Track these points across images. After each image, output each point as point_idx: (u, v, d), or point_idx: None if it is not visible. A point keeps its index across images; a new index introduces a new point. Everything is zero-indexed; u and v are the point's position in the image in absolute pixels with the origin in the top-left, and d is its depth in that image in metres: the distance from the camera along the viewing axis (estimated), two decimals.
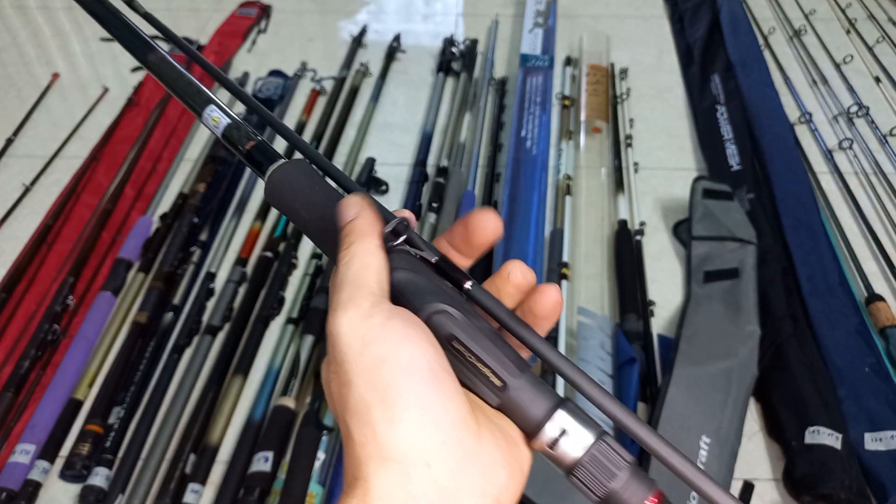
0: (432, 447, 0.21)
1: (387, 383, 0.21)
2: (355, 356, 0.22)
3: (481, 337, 0.24)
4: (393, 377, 0.21)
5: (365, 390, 0.21)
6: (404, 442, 0.21)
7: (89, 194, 0.99)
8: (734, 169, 1.04)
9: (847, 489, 0.67)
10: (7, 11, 1.42)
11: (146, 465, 0.71)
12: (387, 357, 0.22)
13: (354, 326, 0.22)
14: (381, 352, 0.22)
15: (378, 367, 0.22)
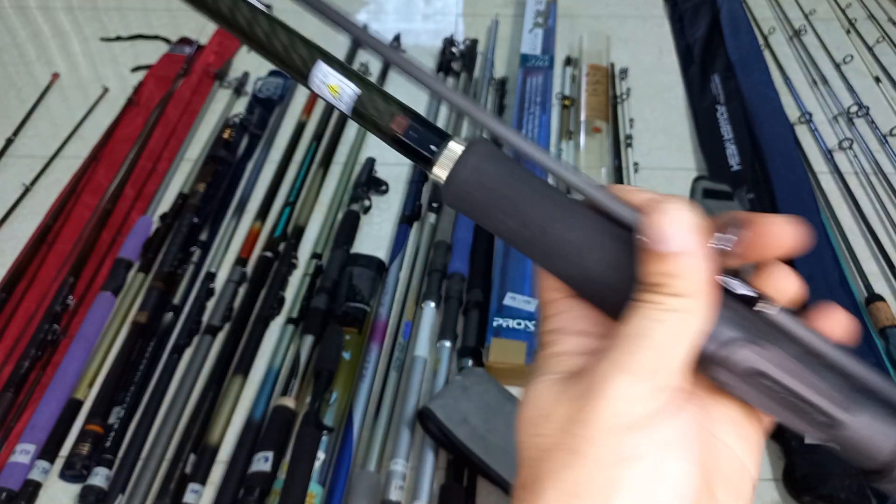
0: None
1: (622, 483, 0.18)
2: (604, 433, 0.18)
3: (799, 369, 0.20)
4: (632, 485, 0.18)
5: (588, 472, 0.18)
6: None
7: (89, 194, 0.99)
8: (734, 169, 1.04)
9: (847, 489, 0.67)
10: (7, 11, 1.42)
11: (146, 465, 0.71)
12: (643, 458, 0.18)
13: (631, 403, 0.18)
14: (641, 449, 0.18)
15: (619, 460, 0.18)
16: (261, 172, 1.05)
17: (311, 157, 1.06)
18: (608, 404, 0.18)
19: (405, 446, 0.72)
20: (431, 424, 0.70)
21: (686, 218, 0.19)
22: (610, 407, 0.18)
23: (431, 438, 0.71)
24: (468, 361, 0.78)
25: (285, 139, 1.10)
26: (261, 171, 1.05)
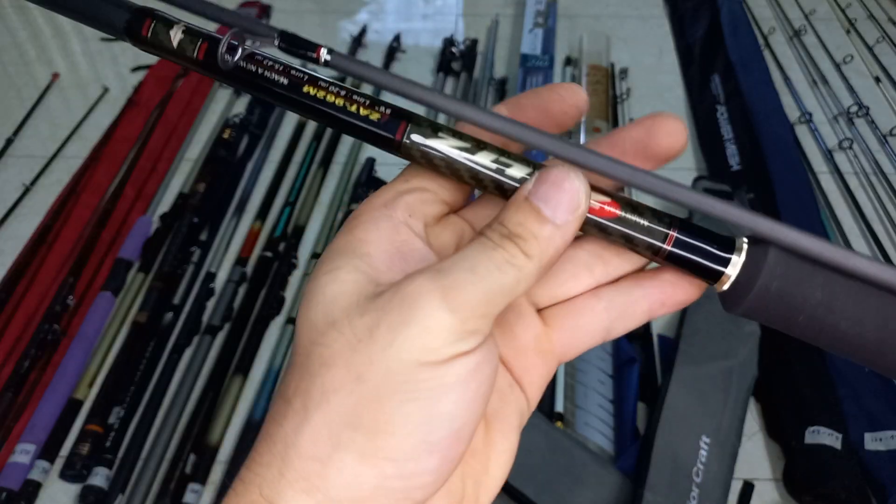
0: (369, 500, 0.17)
1: (396, 421, 0.17)
2: (400, 366, 0.17)
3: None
4: (408, 421, 0.17)
5: (367, 407, 0.17)
6: (347, 488, 0.17)
7: (89, 194, 0.99)
8: (734, 169, 1.04)
9: (847, 489, 0.67)
10: (7, 11, 1.42)
11: (146, 465, 0.71)
12: (421, 398, 0.17)
13: (439, 341, 0.17)
14: (427, 388, 0.17)
15: (401, 400, 0.17)
16: (261, 172, 1.05)
17: (311, 157, 1.06)
18: (416, 336, 0.17)
19: None
20: None
21: (582, 201, 0.19)
22: (417, 339, 0.17)
23: None
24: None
25: (285, 139, 1.10)
26: (261, 171, 1.05)
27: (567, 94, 0.21)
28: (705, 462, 0.68)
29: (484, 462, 0.20)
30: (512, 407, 0.21)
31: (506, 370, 0.22)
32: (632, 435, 0.72)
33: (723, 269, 0.20)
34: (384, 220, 0.20)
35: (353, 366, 0.17)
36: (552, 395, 0.75)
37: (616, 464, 0.69)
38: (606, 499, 0.66)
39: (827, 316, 0.19)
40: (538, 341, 0.22)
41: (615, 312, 0.22)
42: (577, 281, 0.22)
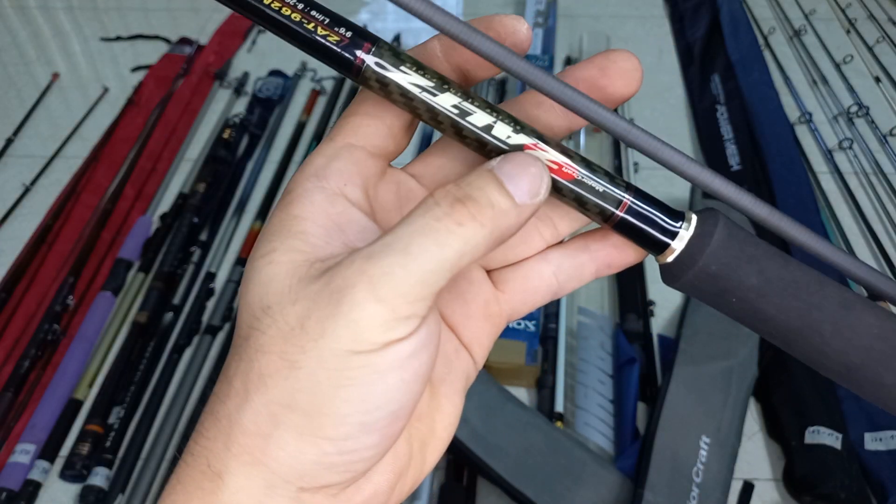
0: (312, 480, 0.18)
1: (332, 405, 0.17)
2: (331, 354, 0.17)
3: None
4: (344, 404, 0.17)
5: (303, 388, 0.17)
6: (289, 463, 0.17)
7: (89, 194, 0.99)
8: (734, 169, 1.04)
9: (847, 489, 0.67)
10: (7, 11, 1.42)
11: (146, 465, 0.71)
12: (356, 382, 0.17)
13: (370, 332, 0.17)
14: (355, 373, 0.17)
15: (336, 384, 0.17)
16: (261, 172, 1.05)
17: None
18: (345, 328, 0.17)
19: None
20: None
21: (542, 189, 0.18)
22: (345, 329, 0.17)
23: None
24: None
25: (285, 139, 1.10)
26: (261, 171, 1.05)
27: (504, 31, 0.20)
28: (705, 462, 0.68)
29: (430, 424, 0.20)
30: (458, 371, 0.21)
31: (453, 335, 0.22)
32: (632, 435, 0.72)
33: (669, 242, 0.20)
34: (317, 192, 0.19)
35: (286, 354, 0.17)
36: (552, 395, 0.75)
37: (616, 464, 0.69)
38: (606, 499, 0.66)
39: (758, 300, 0.19)
40: (487, 305, 0.22)
41: (563, 276, 0.22)
42: (527, 245, 0.22)
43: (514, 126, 0.19)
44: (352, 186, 0.20)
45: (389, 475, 0.19)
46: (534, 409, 0.75)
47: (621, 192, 0.20)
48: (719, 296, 0.20)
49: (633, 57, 0.20)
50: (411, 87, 0.19)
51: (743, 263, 0.19)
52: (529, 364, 0.77)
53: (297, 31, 0.19)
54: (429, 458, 0.21)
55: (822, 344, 0.19)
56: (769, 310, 0.19)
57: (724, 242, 0.19)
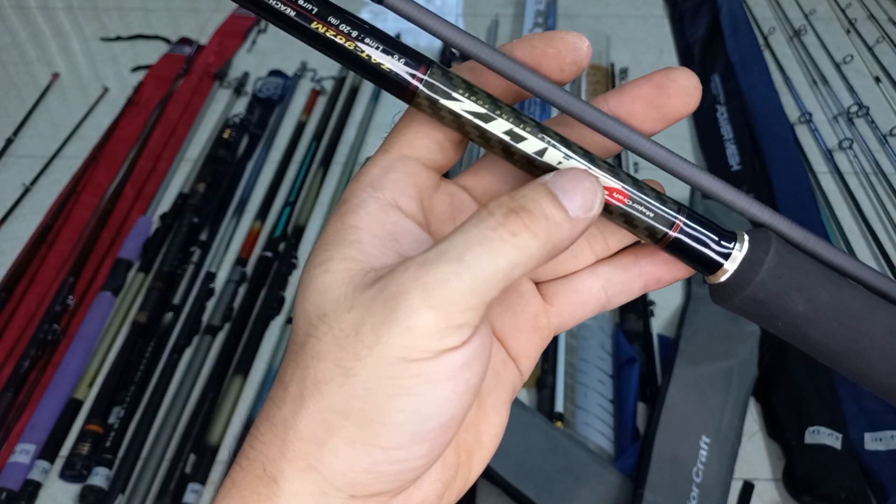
0: (364, 489, 0.18)
1: (385, 414, 0.17)
2: (385, 363, 0.17)
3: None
4: (399, 413, 0.17)
5: (357, 396, 0.17)
6: (341, 471, 0.18)
7: (89, 194, 0.99)
8: (734, 169, 1.04)
9: (847, 489, 0.67)
10: (7, 11, 1.42)
11: (146, 465, 0.71)
12: (409, 392, 0.17)
13: (425, 340, 0.17)
14: (409, 383, 0.17)
15: (390, 393, 0.17)
16: (261, 172, 1.05)
17: (311, 157, 1.06)
18: (399, 336, 0.17)
19: None
20: None
21: (596, 204, 0.18)
22: (400, 339, 0.17)
23: None
24: None
25: (285, 139, 1.10)
26: (261, 171, 1.05)
27: (565, 48, 0.20)
28: (705, 462, 0.68)
29: (476, 435, 0.21)
30: (505, 383, 0.22)
31: (502, 347, 0.22)
32: (632, 435, 0.72)
33: (721, 263, 0.20)
34: (372, 202, 0.20)
35: (341, 361, 0.17)
36: (552, 395, 0.75)
37: (616, 464, 0.69)
38: (606, 499, 0.66)
39: (804, 326, 0.19)
40: (536, 318, 0.22)
41: (613, 290, 0.22)
42: (578, 259, 0.22)
43: (566, 151, 0.20)
44: (406, 197, 0.20)
45: (438, 485, 0.20)
46: (534, 409, 0.75)
47: (674, 214, 0.20)
48: (766, 319, 0.20)
49: (693, 75, 0.20)
50: (464, 114, 0.19)
51: (791, 291, 0.19)
52: None
53: (355, 57, 0.19)
54: (474, 468, 0.21)
55: (867, 368, 0.20)
56: (815, 335, 0.19)
57: (774, 270, 0.19)
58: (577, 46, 0.20)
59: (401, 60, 0.19)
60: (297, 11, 0.19)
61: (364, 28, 0.19)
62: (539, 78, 0.19)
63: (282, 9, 0.19)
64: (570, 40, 0.20)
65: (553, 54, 0.20)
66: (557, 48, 0.20)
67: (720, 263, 0.20)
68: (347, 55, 0.19)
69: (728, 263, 0.20)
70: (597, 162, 0.20)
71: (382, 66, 0.19)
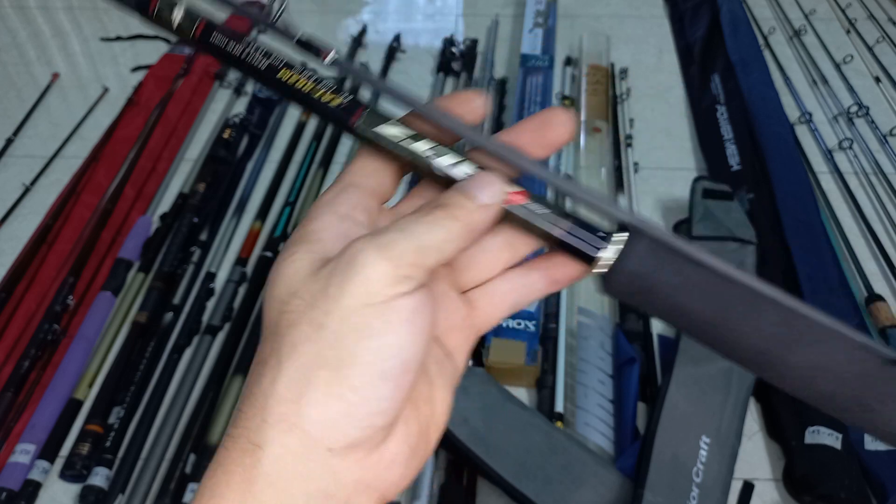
0: (341, 436, 0.20)
1: (355, 354, 0.20)
2: (351, 311, 0.20)
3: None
4: (365, 355, 0.20)
5: (329, 345, 0.20)
6: (320, 419, 0.20)
7: (89, 194, 0.99)
8: (734, 169, 1.04)
9: (847, 489, 0.67)
10: (7, 11, 1.42)
11: (146, 465, 0.71)
12: (373, 333, 0.20)
13: (379, 285, 0.20)
14: (373, 325, 0.20)
15: (358, 336, 0.20)
16: (261, 172, 1.05)
17: (311, 157, 1.06)
18: (359, 283, 0.20)
19: None
20: None
21: (499, 192, 0.23)
22: (360, 286, 0.20)
23: None
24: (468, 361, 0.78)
25: (285, 139, 1.10)
26: (261, 171, 1.05)
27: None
28: (705, 462, 0.68)
29: (431, 409, 0.24)
30: (446, 372, 0.25)
31: (440, 345, 0.26)
32: (632, 435, 0.72)
33: (598, 255, 0.24)
34: (330, 213, 0.24)
35: (314, 319, 0.21)
36: (552, 395, 0.75)
37: (616, 464, 0.69)
38: (606, 499, 0.66)
39: (679, 295, 0.23)
40: (464, 320, 0.26)
41: (520, 291, 0.27)
42: (492, 267, 0.27)
43: (474, 165, 0.24)
44: (357, 211, 0.24)
45: (404, 446, 0.22)
46: (534, 409, 0.75)
47: (558, 217, 0.24)
48: (646, 295, 0.24)
49: (567, 112, 0.26)
50: (394, 137, 0.25)
51: (665, 266, 0.23)
52: (529, 364, 0.77)
53: (310, 101, 0.25)
54: (432, 439, 0.24)
55: (735, 333, 0.23)
56: (690, 304, 0.23)
57: (648, 250, 0.23)
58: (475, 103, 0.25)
59: (347, 99, 0.25)
60: (269, 64, 0.25)
61: (318, 77, 0.25)
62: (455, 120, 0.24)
63: (258, 63, 0.25)
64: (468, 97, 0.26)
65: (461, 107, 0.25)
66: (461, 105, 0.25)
67: (597, 257, 0.24)
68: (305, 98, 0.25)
69: (603, 253, 0.24)
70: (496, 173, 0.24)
71: (333, 103, 0.25)
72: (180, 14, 0.25)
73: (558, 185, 0.25)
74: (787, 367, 0.23)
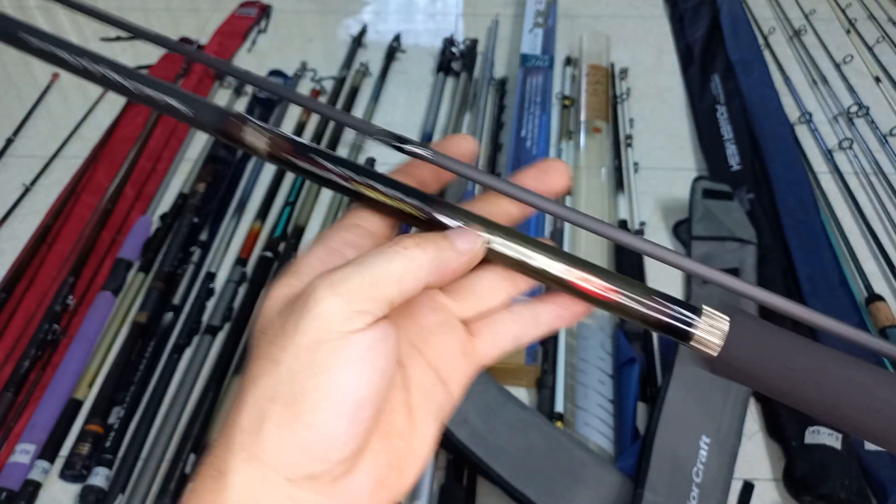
0: (297, 469, 0.20)
1: (306, 392, 0.20)
2: (304, 348, 0.20)
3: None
4: (316, 392, 0.20)
5: (282, 381, 0.20)
6: (275, 453, 0.20)
7: (89, 194, 0.99)
8: (734, 169, 1.04)
9: (847, 489, 0.67)
10: (7, 11, 1.42)
11: (146, 465, 0.71)
12: (326, 371, 0.20)
13: (332, 322, 0.21)
14: (326, 362, 0.20)
15: (310, 374, 0.20)
16: (261, 172, 1.05)
17: None
18: (311, 320, 0.20)
19: None
20: None
21: (478, 245, 0.24)
22: (313, 323, 0.20)
23: None
24: None
25: None
26: (261, 171, 1.05)
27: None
28: (705, 462, 0.68)
29: (408, 442, 0.23)
30: (434, 401, 0.25)
31: (432, 372, 0.25)
32: (632, 435, 0.72)
33: (694, 333, 0.23)
34: (321, 247, 0.24)
35: (271, 354, 0.21)
36: (552, 395, 0.75)
37: (616, 464, 0.69)
38: (606, 499, 0.66)
39: (787, 373, 0.22)
40: (463, 347, 0.26)
41: (523, 325, 0.26)
42: (491, 296, 0.26)
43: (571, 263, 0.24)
44: (348, 247, 0.25)
45: (370, 479, 0.22)
46: (534, 409, 0.75)
47: (651, 300, 0.24)
48: (751, 374, 0.23)
49: (563, 163, 0.27)
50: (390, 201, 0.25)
51: (766, 342, 0.22)
52: (529, 364, 0.77)
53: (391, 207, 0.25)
54: (407, 472, 0.23)
55: (849, 420, 0.22)
56: (796, 391, 0.22)
57: (745, 325, 0.23)
58: (469, 148, 0.27)
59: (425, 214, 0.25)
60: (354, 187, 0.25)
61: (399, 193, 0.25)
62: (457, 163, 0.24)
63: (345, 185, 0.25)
64: (461, 142, 0.27)
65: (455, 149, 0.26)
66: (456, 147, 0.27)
67: (692, 333, 0.23)
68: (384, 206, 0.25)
69: (699, 332, 0.23)
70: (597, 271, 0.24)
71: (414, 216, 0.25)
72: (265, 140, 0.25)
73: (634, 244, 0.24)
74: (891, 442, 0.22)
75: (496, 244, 0.24)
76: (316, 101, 0.25)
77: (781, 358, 0.22)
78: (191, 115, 0.25)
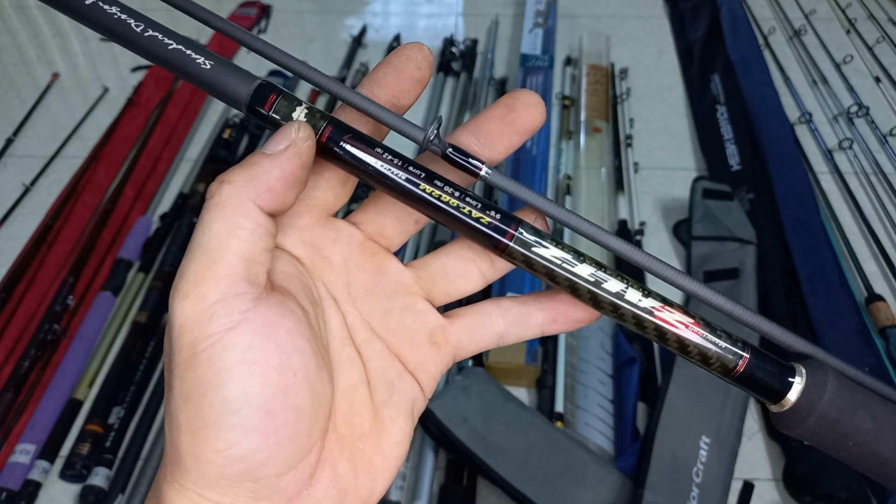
0: (231, 497, 0.19)
1: (202, 414, 0.18)
2: (184, 366, 0.18)
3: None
4: (211, 410, 0.18)
5: (179, 408, 0.18)
6: (202, 483, 0.18)
7: (89, 194, 0.99)
8: (734, 169, 1.04)
9: (847, 489, 0.67)
10: (7, 11, 1.42)
11: (146, 465, 0.71)
12: (210, 386, 0.18)
13: (189, 328, 0.18)
14: (207, 376, 0.18)
15: (198, 394, 0.18)
16: None
17: None
18: (178, 336, 0.18)
19: None
20: (431, 424, 0.70)
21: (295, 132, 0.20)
22: (181, 338, 0.18)
23: (431, 438, 0.71)
24: (468, 361, 0.78)
25: None
26: None
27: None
28: (705, 462, 0.68)
29: (375, 445, 0.21)
30: (402, 395, 0.22)
31: (396, 361, 0.23)
32: (632, 435, 0.72)
33: (785, 393, 0.21)
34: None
35: (168, 381, 0.19)
36: (552, 395, 0.75)
37: (616, 464, 0.69)
38: (606, 499, 0.66)
39: (874, 442, 0.20)
40: (433, 334, 0.23)
41: (510, 318, 0.23)
42: (467, 278, 0.23)
43: (644, 291, 0.22)
44: (289, 241, 0.22)
45: (332, 491, 0.20)
46: (534, 409, 0.75)
47: (740, 350, 0.22)
48: (837, 440, 0.21)
49: (534, 94, 0.23)
50: (554, 259, 0.21)
51: (857, 409, 0.21)
52: (529, 364, 0.77)
53: (454, 216, 0.21)
54: (379, 477, 0.21)
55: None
56: (885, 451, 0.21)
57: (838, 391, 0.21)
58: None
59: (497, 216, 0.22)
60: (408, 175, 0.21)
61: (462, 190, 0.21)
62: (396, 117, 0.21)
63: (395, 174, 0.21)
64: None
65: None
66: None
67: (783, 393, 0.21)
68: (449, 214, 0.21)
69: (791, 394, 0.21)
70: (670, 302, 0.23)
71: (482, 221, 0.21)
72: (302, 115, 0.21)
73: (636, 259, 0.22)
74: None
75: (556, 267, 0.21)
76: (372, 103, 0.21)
77: (869, 408, 0.21)
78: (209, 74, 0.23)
